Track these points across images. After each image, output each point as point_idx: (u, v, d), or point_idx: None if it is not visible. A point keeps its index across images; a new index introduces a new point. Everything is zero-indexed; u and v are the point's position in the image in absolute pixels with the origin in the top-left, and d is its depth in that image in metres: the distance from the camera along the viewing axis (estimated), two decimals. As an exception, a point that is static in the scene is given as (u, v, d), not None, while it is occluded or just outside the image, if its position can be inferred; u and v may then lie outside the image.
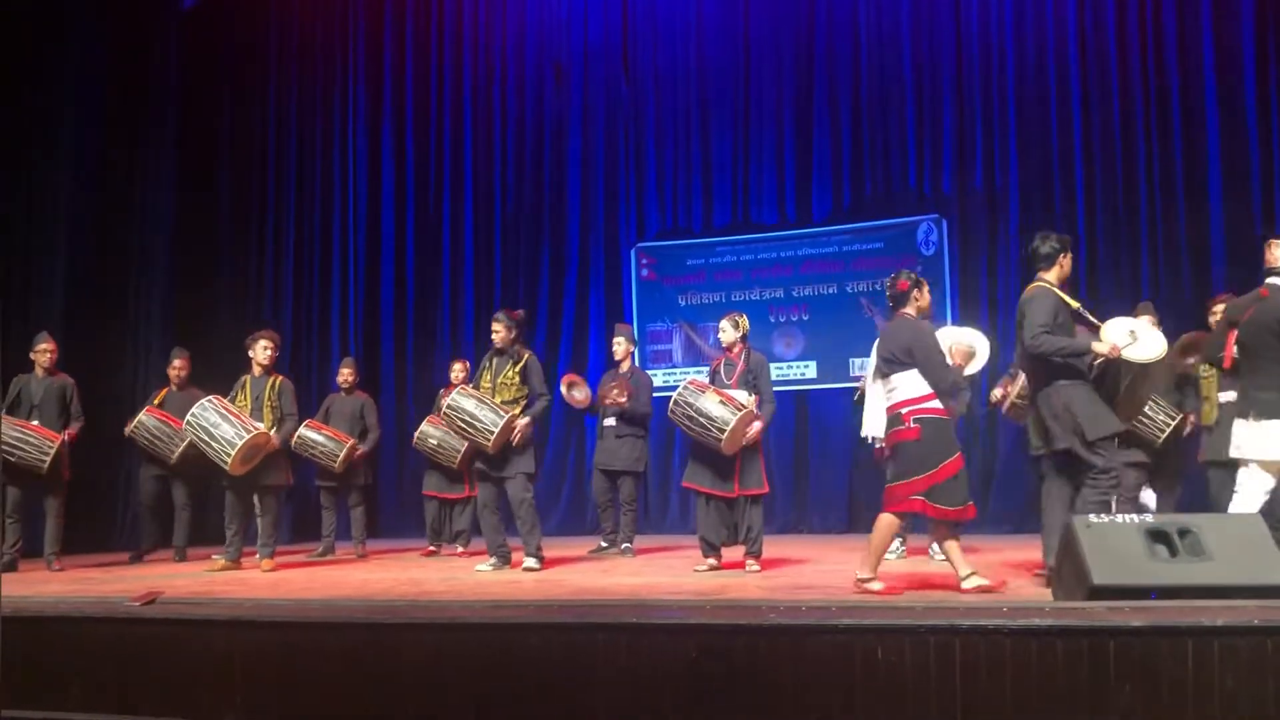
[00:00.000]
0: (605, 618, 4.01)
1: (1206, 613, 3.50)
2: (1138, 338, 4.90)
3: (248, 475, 6.97)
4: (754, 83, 10.73)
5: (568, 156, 11.25)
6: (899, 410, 4.90)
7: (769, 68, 10.68)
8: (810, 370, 10.34)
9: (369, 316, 11.22)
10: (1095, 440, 4.80)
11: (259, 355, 7.18)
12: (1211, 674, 3.32)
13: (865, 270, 10.26)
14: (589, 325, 10.96)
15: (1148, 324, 5.25)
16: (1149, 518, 4.20)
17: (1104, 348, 4.84)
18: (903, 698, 3.51)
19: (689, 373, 10.16)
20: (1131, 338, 4.89)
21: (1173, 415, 6.15)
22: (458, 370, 8.41)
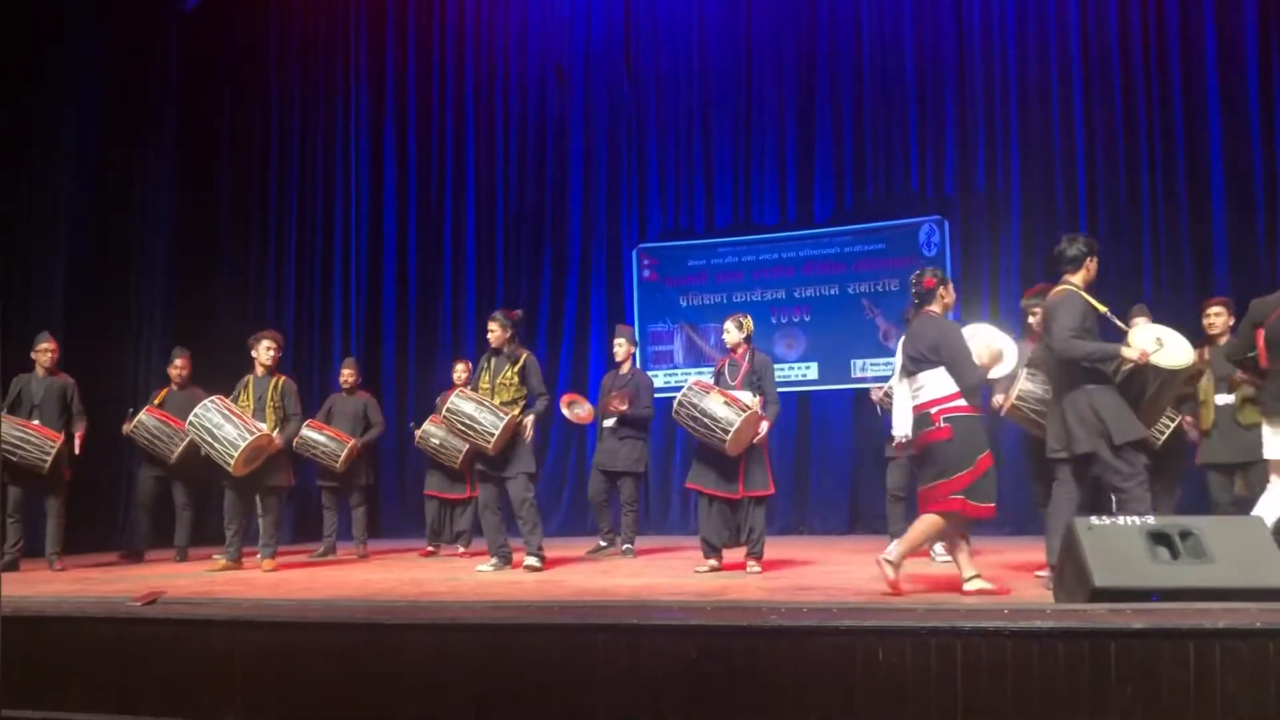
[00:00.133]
0: (606, 619, 4.01)
1: (1208, 615, 3.50)
2: (1164, 344, 4.90)
3: (250, 476, 6.97)
4: (756, 83, 10.73)
5: (569, 156, 11.25)
6: (927, 410, 4.85)
7: (771, 68, 10.67)
8: (812, 371, 10.34)
9: (370, 317, 11.22)
10: (1121, 445, 4.79)
11: (262, 355, 7.18)
12: (1213, 676, 3.31)
13: (867, 271, 10.25)
14: (590, 326, 10.97)
15: (1172, 331, 5.24)
16: (1150, 520, 4.20)
17: (1134, 354, 4.83)
18: (904, 699, 3.51)
19: (690, 374, 10.15)
20: (1158, 344, 4.88)
21: (1172, 417, 6.14)
22: (459, 371, 8.40)
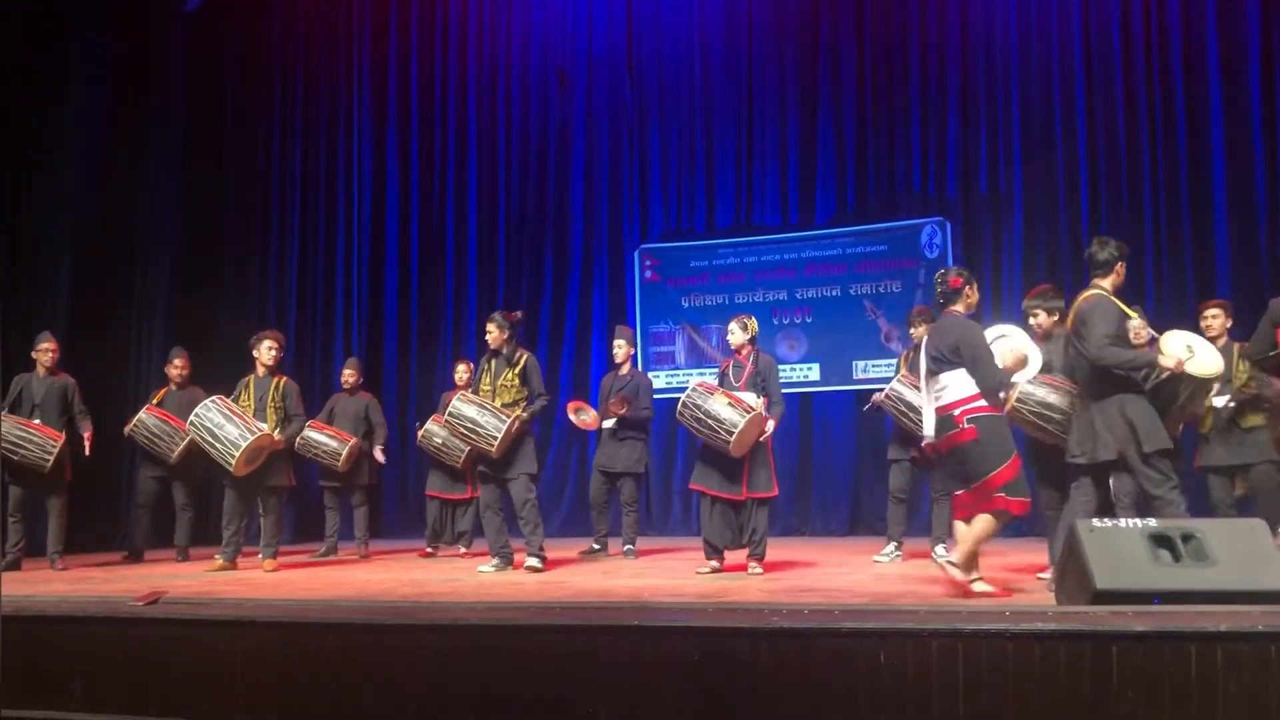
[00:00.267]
0: (607, 620, 4.01)
1: (1210, 618, 3.49)
2: (1194, 352, 4.90)
3: (250, 476, 6.96)
4: (757, 84, 10.73)
5: (571, 157, 11.25)
6: (950, 412, 4.81)
7: (772, 69, 10.68)
8: (813, 373, 10.33)
9: (372, 317, 11.22)
10: (1151, 453, 4.78)
11: (263, 355, 7.18)
12: (1214, 679, 3.31)
13: (869, 273, 10.25)
14: (592, 326, 10.97)
15: (1200, 337, 5.23)
16: (1153, 522, 4.19)
17: (1170, 363, 4.83)
18: (905, 702, 3.50)
19: (692, 374, 10.17)
20: (1189, 352, 4.88)
21: None
22: (461, 371, 8.40)
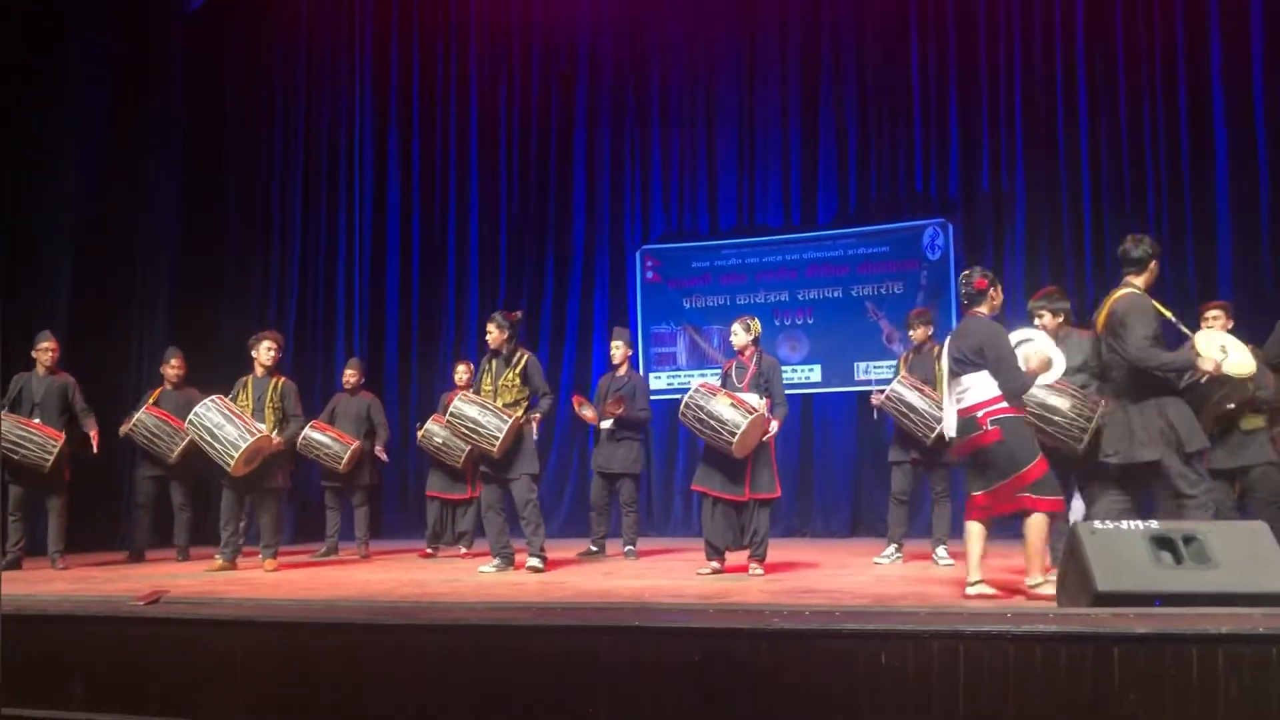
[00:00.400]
0: (608, 620, 4.01)
1: (1211, 620, 3.49)
2: (1228, 352, 4.91)
3: (248, 476, 6.96)
4: (759, 85, 10.73)
5: (573, 157, 11.25)
6: (973, 414, 4.78)
7: (774, 70, 10.67)
8: (815, 374, 10.33)
9: (373, 318, 11.22)
10: (1192, 454, 4.77)
11: (262, 356, 7.17)
12: (1216, 681, 3.31)
13: (870, 274, 10.25)
14: (593, 327, 10.96)
15: (1231, 337, 5.23)
16: (1154, 524, 4.18)
17: (1209, 365, 4.83)
18: (906, 703, 3.50)
19: (693, 375, 10.17)
20: (1224, 352, 4.89)
21: None
22: (461, 372, 8.41)
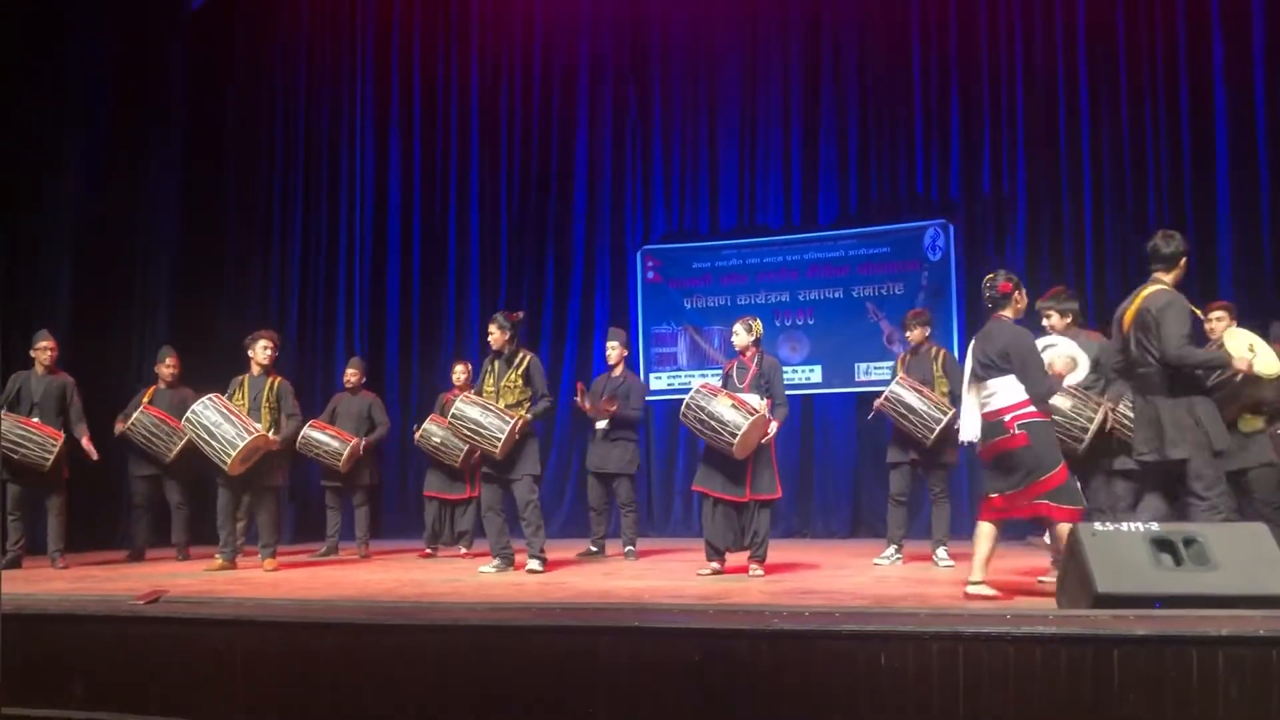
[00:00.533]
0: (608, 621, 4.02)
1: (1211, 622, 3.49)
2: (1256, 351, 4.95)
3: (244, 475, 6.96)
4: (760, 85, 10.72)
5: (574, 157, 11.24)
6: (1000, 418, 4.77)
7: (776, 70, 10.66)
8: (815, 375, 10.32)
9: (374, 318, 11.21)
10: (1219, 452, 4.78)
11: (259, 355, 7.17)
12: (1216, 684, 3.31)
13: (871, 275, 10.24)
14: (594, 327, 10.94)
15: (1258, 337, 5.25)
16: (1154, 526, 4.18)
17: (1243, 364, 4.85)
18: (906, 704, 3.50)
19: (694, 375, 10.16)
20: (1252, 352, 4.92)
21: None
22: (459, 372, 8.42)
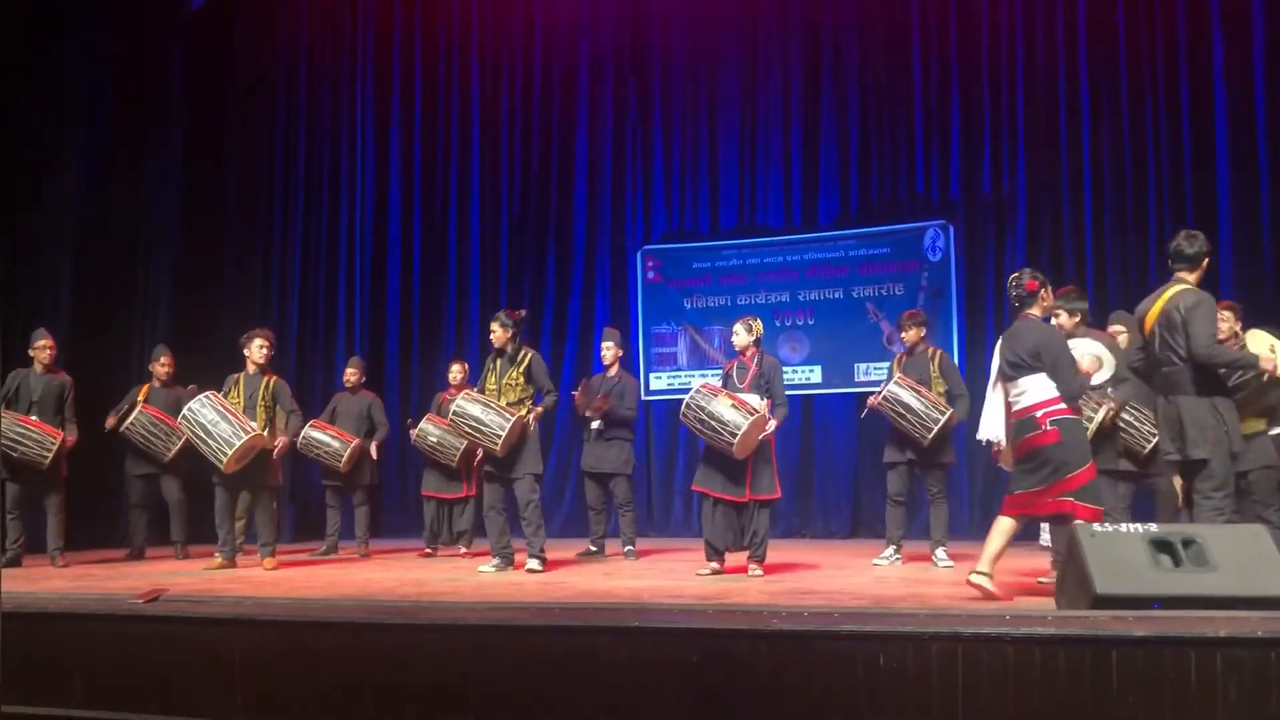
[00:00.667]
0: (607, 621, 4.02)
1: (1210, 623, 3.50)
2: (1277, 352, 4.98)
3: (240, 474, 6.95)
4: (761, 86, 10.71)
5: (575, 157, 11.24)
6: (1032, 414, 4.78)
7: (776, 71, 10.66)
8: (815, 375, 10.32)
9: (374, 317, 11.21)
10: (1234, 454, 4.79)
11: (255, 354, 7.17)
12: (1214, 685, 3.31)
13: (871, 275, 10.24)
14: (594, 327, 10.92)
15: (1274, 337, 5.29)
16: (1153, 527, 4.19)
17: (1268, 364, 4.87)
18: (905, 704, 3.51)
19: (694, 375, 10.15)
20: (1273, 352, 4.96)
21: (1157, 424, 6.12)
22: (456, 372, 8.43)
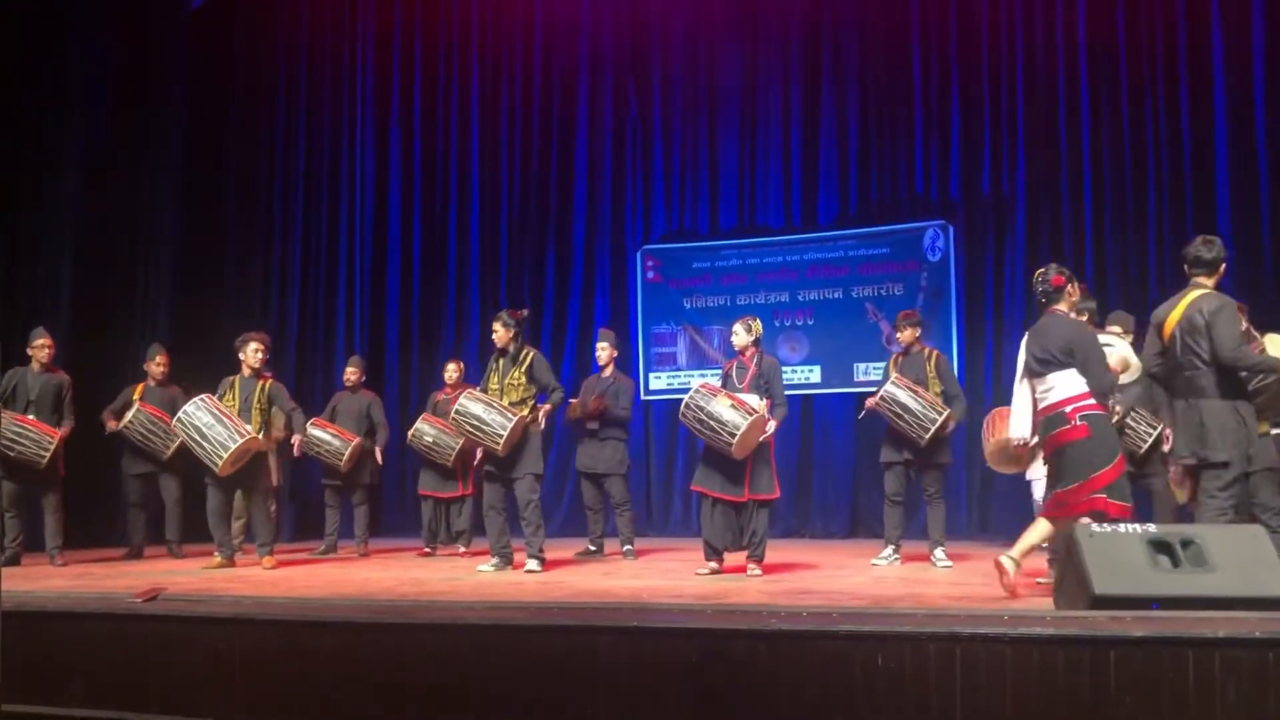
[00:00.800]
0: (606, 620, 4.02)
1: (1208, 624, 3.50)
2: None
3: (235, 475, 6.95)
4: (761, 86, 10.71)
5: (575, 157, 11.24)
6: (1061, 409, 4.74)
7: (776, 71, 10.66)
8: (815, 375, 10.33)
9: (374, 317, 11.21)
10: (1249, 456, 4.80)
11: (249, 358, 7.17)
12: (1213, 685, 3.31)
13: (871, 275, 10.25)
14: (594, 327, 10.89)
15: None
16: (1152, 528, 4.19)
17: None
18: (903, 704, 3.51)
19: (693, 375, 10.16)
20: None
21: (1154, 425, 6.13)
22: (451, 371, 8.43)
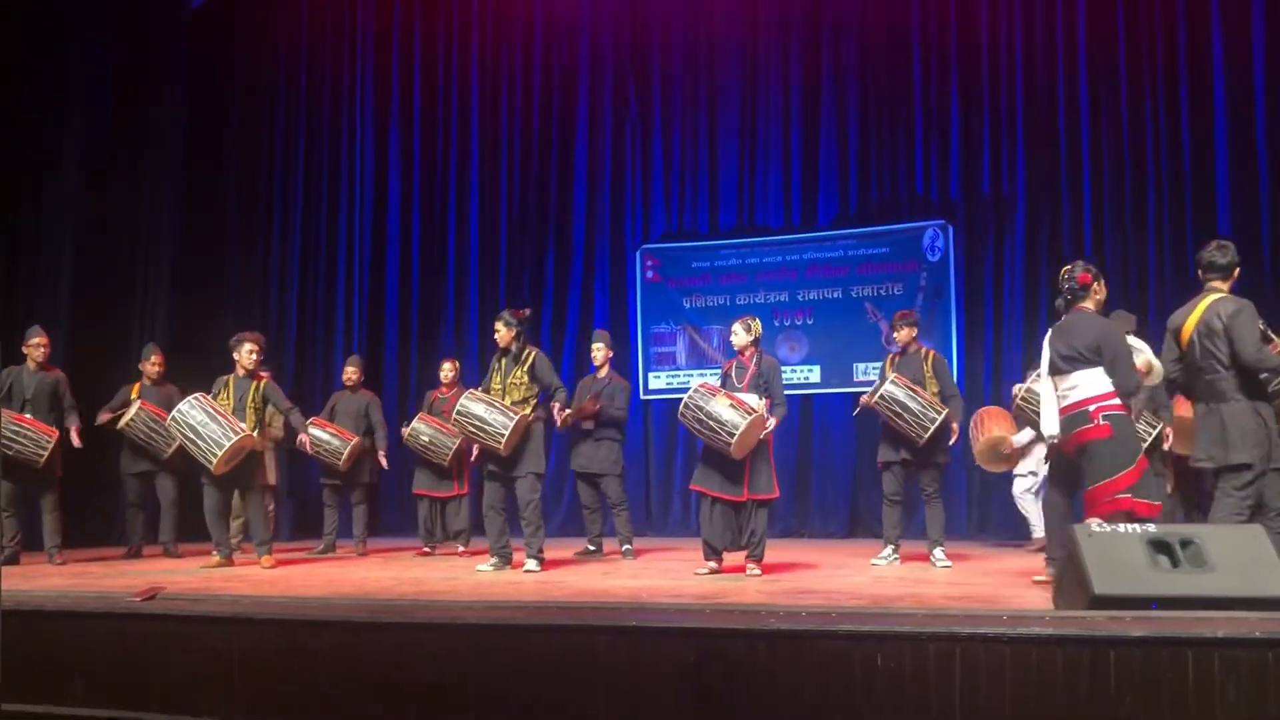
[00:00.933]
0: (605, 620, 4.02)
1: (1208, 624, 3.50)
2: None
3: (230, 474, 6.95)
4: (760, 85, 10.71)
5: (574, 157, 11.23)
6: (1084, 408, 4.73)
7: (775, 70, 10.66)
8: (814, 375, 10.32)
9: (373, 316, 11.21)
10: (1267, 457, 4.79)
11: (244, 358, 7.16)
12: (1212, 685, 3.31)
13: (870, 275, 10.24)
14: (593, 327, 10.88)
15: None
16: (1151, 528, 4.18)
17: None
18: (902, 704, 3.51)
19: (693, 375, 10.16)
20: None
21: (1152, 425, 6.14)
22: (447, 370, 8.44)
